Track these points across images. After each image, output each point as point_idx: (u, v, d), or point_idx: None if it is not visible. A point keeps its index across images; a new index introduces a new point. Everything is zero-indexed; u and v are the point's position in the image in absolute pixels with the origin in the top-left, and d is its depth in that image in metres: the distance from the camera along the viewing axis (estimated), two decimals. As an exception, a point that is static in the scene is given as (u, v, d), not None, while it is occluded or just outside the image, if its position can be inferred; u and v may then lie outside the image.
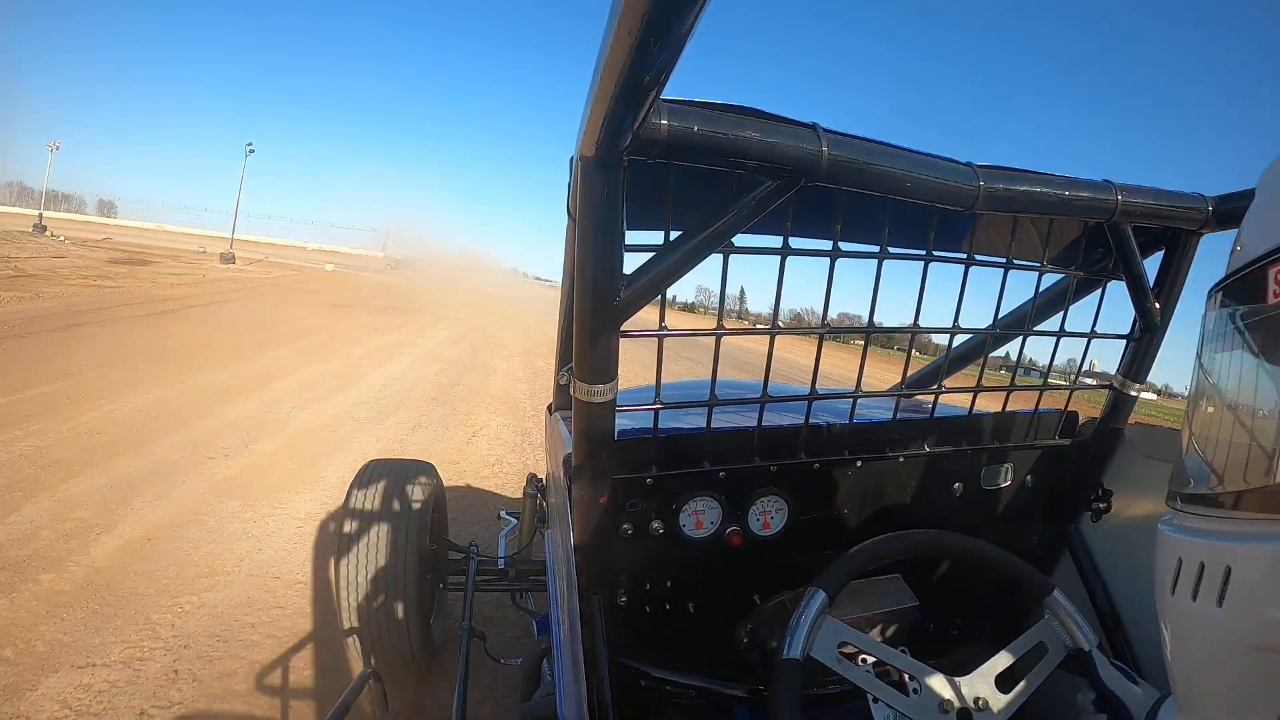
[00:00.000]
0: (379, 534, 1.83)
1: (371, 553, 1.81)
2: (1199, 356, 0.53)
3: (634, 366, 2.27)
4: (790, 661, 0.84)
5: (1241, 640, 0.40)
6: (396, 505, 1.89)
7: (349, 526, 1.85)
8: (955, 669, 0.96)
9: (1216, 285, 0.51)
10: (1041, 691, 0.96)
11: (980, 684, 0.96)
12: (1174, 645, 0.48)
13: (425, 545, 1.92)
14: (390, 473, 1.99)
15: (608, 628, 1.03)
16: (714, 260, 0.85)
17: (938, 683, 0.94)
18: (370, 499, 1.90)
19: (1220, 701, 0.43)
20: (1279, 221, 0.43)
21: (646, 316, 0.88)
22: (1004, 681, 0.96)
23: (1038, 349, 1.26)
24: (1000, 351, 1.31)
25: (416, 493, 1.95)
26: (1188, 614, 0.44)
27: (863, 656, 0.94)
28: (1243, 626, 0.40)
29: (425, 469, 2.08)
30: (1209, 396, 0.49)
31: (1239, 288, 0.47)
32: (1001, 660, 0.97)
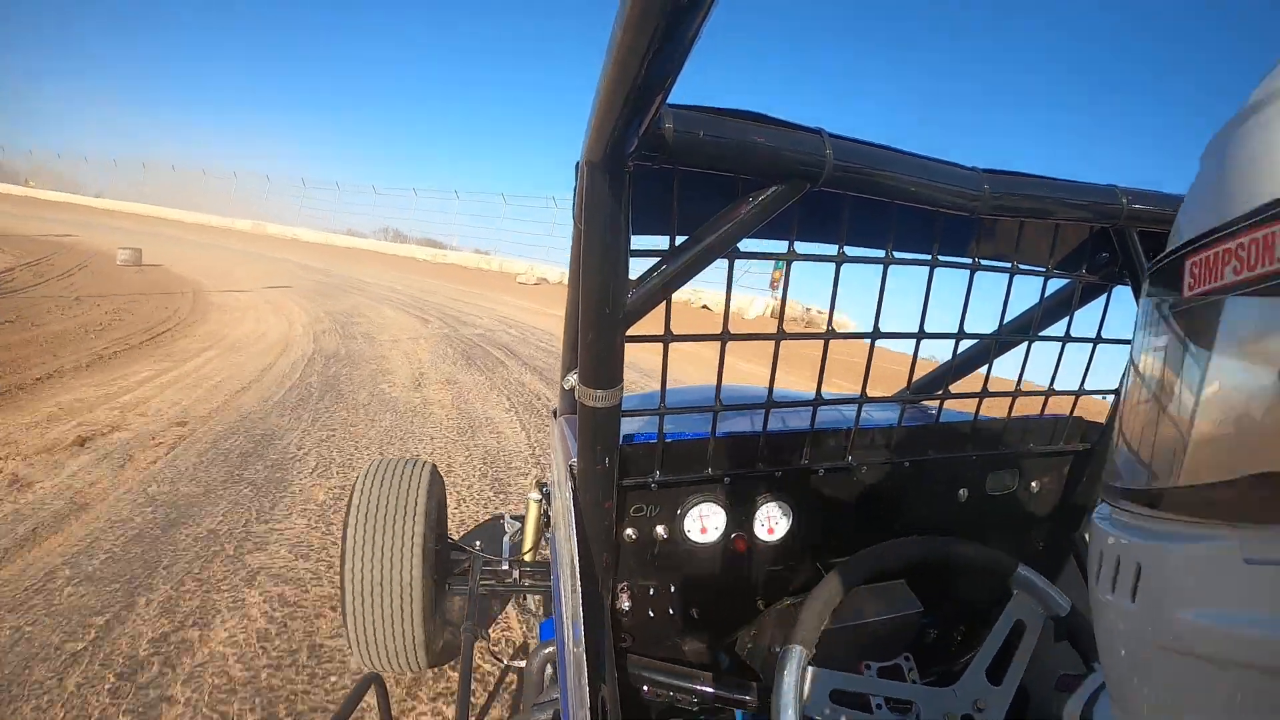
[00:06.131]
0: (381, 535, 1.84)
1: (374, 554, 1.82)
2: (1131, 344, 0.52)
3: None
4: None
5: (1151, 638, 0.40)
6: (399, 506, 1.90)
7: (352, 527, 1.85)
8: (958, 673, 0.97)
9: (1147, 268, 0.49)
10: (1034, 666, 0.97)
11: (973, 685, 0.96)
12: (1099, 636, 0.49)
13: (429, 546, 1.92)
14: (393, 473, 1.99)
15: (612, 632, 1.03)
16: (719, 264, 0.85)
17: (933, 698, 0.95)
18: (372, 500, 1.90)
19: (1136, 697, 0.44)
20: (1200, 209, 0.42)
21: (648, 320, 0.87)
22: (995, 673, 0.96)
23: (1043, 354, 1.25)
24: (1005, 357, 1.31)
25: (419, 493, 1.95)
26: (1107, 605, 0.45)
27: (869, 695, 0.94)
28: (1151, 625, 0.40)
29: (428, 469, 2.08)
30: (1133, 387, 0.49)
31: (1163, 274, 0.46)
32: (986, 653, 0.98)
